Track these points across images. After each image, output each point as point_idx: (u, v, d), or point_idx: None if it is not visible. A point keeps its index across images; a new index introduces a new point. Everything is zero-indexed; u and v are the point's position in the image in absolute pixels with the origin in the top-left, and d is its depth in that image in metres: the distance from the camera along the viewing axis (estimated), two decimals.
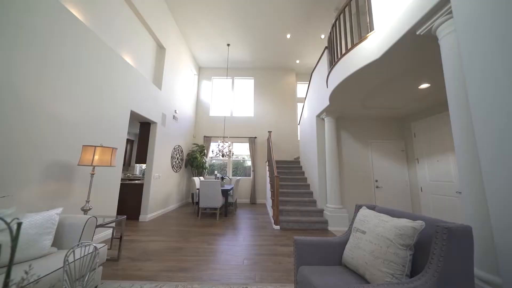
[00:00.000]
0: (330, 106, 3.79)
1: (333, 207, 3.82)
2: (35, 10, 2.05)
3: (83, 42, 2.62)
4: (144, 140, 4.55)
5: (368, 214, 1.41)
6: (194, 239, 3.09)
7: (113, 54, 3.16)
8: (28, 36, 1.97)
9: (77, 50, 2.53)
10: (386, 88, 3.09)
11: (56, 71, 2.25)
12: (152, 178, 4.37)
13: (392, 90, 3.17)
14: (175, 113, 5.50)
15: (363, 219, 1.40)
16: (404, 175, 4.27)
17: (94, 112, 2.79)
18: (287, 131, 7.23)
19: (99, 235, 2.85)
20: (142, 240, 3.02)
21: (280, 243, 2.99)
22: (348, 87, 3.12)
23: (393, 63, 2.36)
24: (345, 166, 4.32)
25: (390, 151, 4.38)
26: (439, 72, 2.56)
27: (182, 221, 4.19)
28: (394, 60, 2.28)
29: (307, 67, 7.37)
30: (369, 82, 2.90)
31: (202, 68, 7.64)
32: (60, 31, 2.30)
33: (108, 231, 3.01)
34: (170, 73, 5.22)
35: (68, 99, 2.40)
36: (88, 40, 2.70)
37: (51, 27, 2.19)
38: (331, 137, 4.08)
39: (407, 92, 3.23)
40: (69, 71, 2.41)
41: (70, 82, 2.43)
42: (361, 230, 1.34)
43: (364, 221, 1.37)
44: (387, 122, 4.51)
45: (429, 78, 2.76)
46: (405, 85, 2.99)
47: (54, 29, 2.22)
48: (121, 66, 3.36)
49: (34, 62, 2.03)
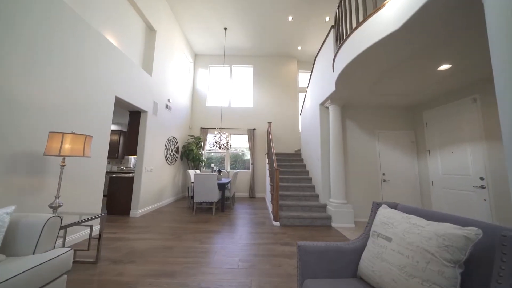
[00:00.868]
0: (336, 93, 3.45)
1: (337, 202, 3.55)
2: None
3: (56, 15, 2.26)
4: (134, 130, 4.23)
5: (392, 215, 1.11)
6: (186, 237, 2.83)
7: (92, 32, 2.79)
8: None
9: (48, 23, 2.17)
10: (400, 70, 2.74)
11: (22, 47, 1.90)
12: (143, 171, 4.08)
13: (407, 72, 2.82)
14: (168, 102, 5.15)
15: (386, 221, 1.10)
16: (413, 168, 3.98)
17: (70, 97, 2.46)
18: (288, 122, 6.89)
19: (75, 236, 2.52)
20: (129, 238, 2.76)
21: (280, 241, 2.73)
22: (357, 69, 2.78)
23: (415, 35, 2.00)
24: (350, 158, 4.02)
25: (399, 143, 4.06)
26: (467, 47, 2.22)
27: (176, 216, 3.93)
28: (416, 31, 1.93)
29: (309, 54, 6.94)
30: (381, 62, 2.55)
31: (198, 55, 7.22)
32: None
33: (87, 230, 2.68)
34: (162, 58, 4.83)
35: (36, 80, 2.07)
36: (62, 15, 2.33)
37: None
38: (336, 127, 3.75)
39: (423, 75, 2.88)
40: (38, 46, 2.06)
41: (39, 60, 2.09)
42: (384, 235, 1.05)
43: (387, 224, 1.08)
44: (396, 111, 4.17)
45: (452, 57, 2.41)
46: (423, 66, 2.64)
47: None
48: (104, 46, 2.99)
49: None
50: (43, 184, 2.14)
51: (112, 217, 3.76)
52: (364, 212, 3.83)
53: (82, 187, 2.64)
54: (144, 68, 4.27)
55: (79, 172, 2.59)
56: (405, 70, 2.77)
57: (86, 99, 2.69)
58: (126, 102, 3.52)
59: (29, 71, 2.00)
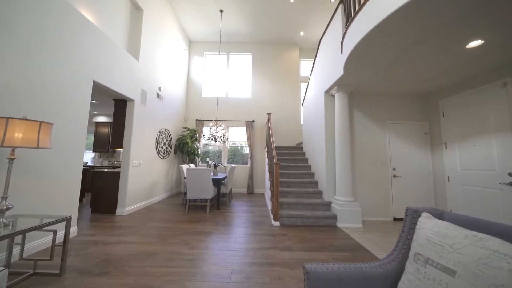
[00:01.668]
0: (344, 77, 3.05)
1: (343, 199, 3.21)
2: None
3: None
4: (120, 121, 3.85)
5: (447, 231, 0.75)
6: (174, 240, 2.50)
7: (64, 5, 2.36)
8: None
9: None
10: (421, 49, 2.35)
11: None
12: (131, 166, 3.72)
13: (429, 52, 2.41)
14: (159, 91, 4.74)
15: (437, 240, 0.74)
16: (426, 162, 3.62)
17: (35, 79, 2.06)
18: (288, 114, 6.49)
19: (34, 243, 2.11)
20: (108, 241, 2.43)
21: (280, 245, 2.40)
22: (370, 48, 2.38)
23: (444, 2, 1.61)
24: (358, 151, 3.66)
25: (411, 134, 3.69)
26: (507, 18, 1.83)
27: (167, 215, 3.60)
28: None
29: (312, 41, 6.46)
30: (400, 38, 2.16)
31: (193, 42, 6.74)
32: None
33: (50, 237, 2.22)
34: (151, 42, 4.39)
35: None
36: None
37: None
38: (343, 116, 3.37)
39: (448, 55, 2.48)
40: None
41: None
42: (440, 264, 0.69)
43: (442, 246, 0.72)
44: (409, 99, 3.77)
45: (485, 30, 2.00)
46: (449, 42, 2.23)
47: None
48: (79, 22, 2.57)
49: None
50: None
51: (97, 216, 3.43)
52: (371, 210, 3.50)
53: (50, 184, 2.28)
54: (130, 51, 3.84)
55: (45, 167, 2.22)
56: (426, 49, 2.37)
57: (55, 82, 2.30)
58: (107, 88, 3.12)
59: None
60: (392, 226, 3.21)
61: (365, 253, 2.24)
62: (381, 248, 2.37)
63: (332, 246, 2.39)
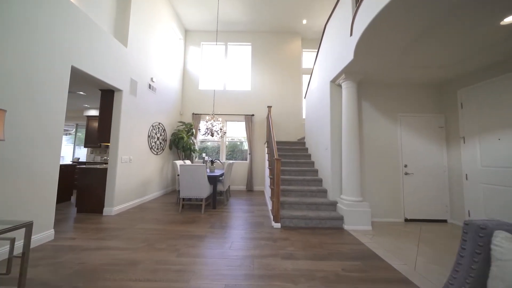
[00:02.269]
0: (354, 63, 2.72)
1: (350, 199, 2.92)
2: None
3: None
4: (107, 113, 3.54)
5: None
6: (162, 245, 2.22)
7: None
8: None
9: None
10: (444, 29, 2.04)
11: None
12: (119, 162, 3.43)
13: (453, 31, 2.10)
14: (151, 81, 4.41)
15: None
16: (441, 158, 3.32)
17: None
18: (290, 108, 6.16)
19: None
20: (88, 247, 2.15)
21: (281, 252, 2.12)
22: (386, 26, 2.05)
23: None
24: (366, 146, 3.35)
25: (425, 128, 3.38)
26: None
27: (158, 215, 3.33)
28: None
29: (316, 30, 6.09)
30: (421, 14, 1.83)
31: (189, 31, 6.36)
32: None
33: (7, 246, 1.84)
34: (142, 28, 4.04)
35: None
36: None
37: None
38: (350, 108, 3.05)
39: (475, 35, 2.15)
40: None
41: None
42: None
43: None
44: (423, 89, 3.44)
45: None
46: (478, 19, 1.91)
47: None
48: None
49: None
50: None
51: (82, 217, 3.16)
52: (380, 210, 3.21)
53: (17, 184, 1.98)
54: (117, 37, 3.51)
55: (11, 163, 1.92)
56: (451, 28, 2.06)
57: (23, 66, 1.98)
58: (88, 75, 2.80)
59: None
60: (404, 228, 2.93)
61: (379, 262, 1.96)
62: (396, 256, 2.08)
63: (340, 253, 2.11)
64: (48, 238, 2.28)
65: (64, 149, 7.56)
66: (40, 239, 2.18)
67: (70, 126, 7.31)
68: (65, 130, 7.55)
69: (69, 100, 5.39)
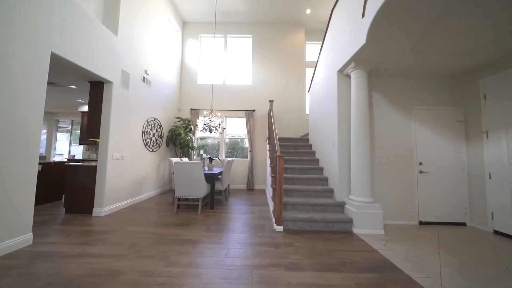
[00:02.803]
0: (366, 49, 2.43)
1: (360, 200, 2.65)
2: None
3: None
4: (96, 107, 3.30)
5: None
6: (150, 252, 1.98)
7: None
8: None
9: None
10: (471, 5, 1.73)
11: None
12: (109, 159, 3.20)
13: (480, 7, 1.79)
14: (145, 74, 4.16)
15: None
16: (460, 155, 3.02)
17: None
18: (293, 103, 5.87)
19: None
20: (68, 253, 1.92)
21: (285, 260, 1.86)
22: (404, 4, 1.77)
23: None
24: (376, 142, 3.07)
25: (442, 122, 3.08)
26: None
27: (151, 216, 3.10)
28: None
29: (320, 20, 5.76)
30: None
31: (187, 23, 6.08)
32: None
33: None
34: (135, 17, 3.79)
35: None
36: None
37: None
38: (360, 100, 2.77)
39: (506, 12, 1.85)
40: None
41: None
42: None
43: None
44: (440, 79, 3.14)
45: None
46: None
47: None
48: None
49: None
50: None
51: (70, 218, 2.95)
52: (392, 212, 2.94)
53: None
54: (106, 24, 3.25)
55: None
56: (477, 5, 1.75)
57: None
58: (71, 63, 2.55)
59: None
60: (420, 233, 2.65)
61: (398, 274, 1.69)
62: (417, 266, 1.82)
63: (352, 262, 1.85)
64: (26, 243, 2.06)
65: (63, 146, 7.38)
66: (14, 244, 1.95)
67: (66, 122, 7.11)
68: (61, 127, 7.37)
69: (62, 95, 5.18)
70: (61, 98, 5.50)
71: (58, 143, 7.42)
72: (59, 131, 7.34)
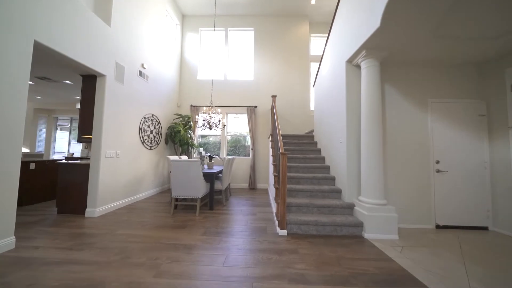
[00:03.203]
0: (379, 34, 2.17)
1: (372, 202, 2.42)
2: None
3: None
4: (89, 102, 3.12)
5: None
6: (140, 259, 1.79)
7: None
8: None
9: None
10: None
11: None
12: (103, 157, 3.03)
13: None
14: (142, 68, 3.97)
15: None
16: (481, 153, 2.75)
17: None
18: (296, 99, 5.61)
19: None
20: (50, 260, 1.75)
21: (289, 271, 1.65)
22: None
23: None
24: (389, 138, 2.82)
25: (461, 116, 2.80)
26: None
27: (147, 217, 2.92)
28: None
29: (326, 10, 5.48)
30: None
31: (187, 16, 5.86)
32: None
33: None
34: (129, 6, 3.59)
35: None
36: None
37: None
38: (372, 92, 2.52)
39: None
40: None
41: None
42: None
43: None
44: (460, 69, 2.86)
45: None
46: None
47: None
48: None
49: None
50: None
51: (62, 218, 2.80)
52: (406, 215, 2.69)
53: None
54: (97, 13, 3.06)
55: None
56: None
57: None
58: (58, 53, 2.36)
59: None
60: (438, 238, 2.41)
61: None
62: (442, 279, 1.58)
63: (365, 274, 1.63)
64: (7, 248, 1.89)
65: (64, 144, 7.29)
66: None
67: (65, 120, 7.01)
68: (61, 125, 7.28)
69: (59, 91, 5.04)
70: (58, 95, 5.37)
71: (60, 141, 7.35)
72: (59, 129, 7.26)
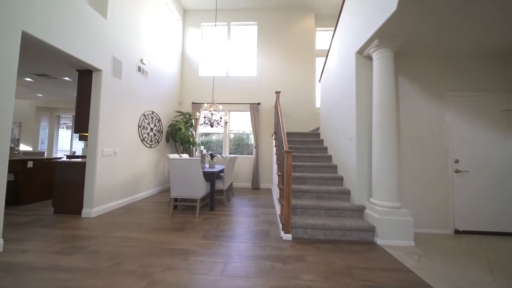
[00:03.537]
0: (395, 19, 1.96)
1: (385, 205, 2.22)
2: None
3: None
4: (85, 98, 3.00)
5: None
6: (132, 266, 1.65)
7: None
8: None
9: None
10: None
11: None
12: (99, 155, 2.91)
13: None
14: (141, 63, 3.84)
15: None
16: (506, 152, 2.51)
17: None
18: (301, 96, 5.41)
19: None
20: (36, 266, 1.62)
21: (295, 283, 1.48)
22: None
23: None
24: (403, 135, 2.60)
25: (482, 111, 2.57)
26: None
27: (145, 218, 2.79)
28: None
29: (333, 3, 5.24)
30: None
31: (188, 11, 5.71)
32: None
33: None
34: (128, 1, 3.45)
35: None
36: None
37: None
38: (385, 85, 2.31)
39: None
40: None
41: None
42: None
43: None
44: (480, 61, 2.61)
45: None
46: None
47: None
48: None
49: None
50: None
51: (57, 219, 2.70)
52: (422, 219, 2.48)
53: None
54: (92, 4, 2.92)
55: None
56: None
57: None
58: (49, 45, 2.23)
59: None
60: (458, 245, 2.20)
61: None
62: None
63: (381, 287, 1.44)
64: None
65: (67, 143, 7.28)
66: None
67: (67, 118, 6.99)
68: (63, 123, 7.26)
69: (60, 89, 4.97)
70: (59, 92, 5.31)
71: (63, 139, 7.34)
72: (62, 127, 7.24)
